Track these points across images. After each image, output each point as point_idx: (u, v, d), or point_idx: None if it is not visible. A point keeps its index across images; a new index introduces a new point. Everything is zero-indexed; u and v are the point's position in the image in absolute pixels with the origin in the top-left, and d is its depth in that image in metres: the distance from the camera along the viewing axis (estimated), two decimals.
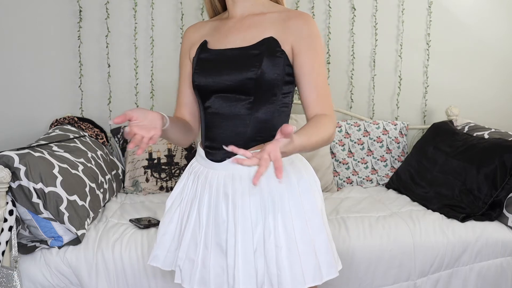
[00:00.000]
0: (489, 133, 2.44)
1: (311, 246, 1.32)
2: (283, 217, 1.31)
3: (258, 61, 1.29)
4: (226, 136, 1.35)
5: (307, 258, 1.31)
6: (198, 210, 1.37)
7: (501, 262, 2.08)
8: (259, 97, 1.32)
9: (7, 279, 1.74)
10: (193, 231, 1.38)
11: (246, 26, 1.36)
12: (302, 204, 1.33)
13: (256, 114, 1.33)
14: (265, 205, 1.31)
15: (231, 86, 1.32)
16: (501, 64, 3.06)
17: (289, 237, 1.30)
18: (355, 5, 2.87)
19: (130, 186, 2.57)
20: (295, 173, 1.35)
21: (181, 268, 1.38)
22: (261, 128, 1.34)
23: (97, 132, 2.61)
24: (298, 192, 1.34)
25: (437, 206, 2.26)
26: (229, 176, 1.34)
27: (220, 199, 1.34)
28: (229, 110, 1.34)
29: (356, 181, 2.74)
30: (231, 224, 1.32)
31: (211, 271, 1.33)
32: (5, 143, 2.68)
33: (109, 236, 1.96)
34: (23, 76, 2.73)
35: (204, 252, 1.35)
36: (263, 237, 1.31)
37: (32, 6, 2.69)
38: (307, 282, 1.30)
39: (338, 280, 1.98)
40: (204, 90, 1.36)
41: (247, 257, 1.30)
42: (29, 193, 1.83)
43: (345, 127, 2.80)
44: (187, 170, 1.48)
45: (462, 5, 2.97)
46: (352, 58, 2.91)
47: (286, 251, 1.29)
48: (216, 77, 1.33)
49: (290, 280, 1.29)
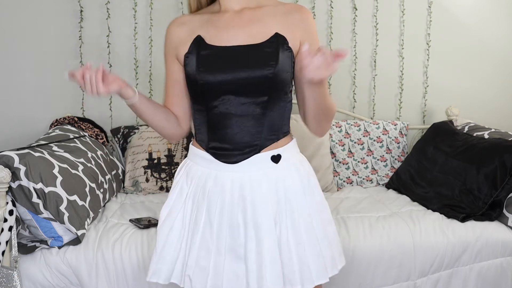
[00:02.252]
0: (489, 133, 2.44)
1: (326, 238, 1.37)
2: (301, 213, 1.33)
3: (274, 59, 1.26)
4: (240, 136, 1.30)
5: (326, 250, 1.36)
6: (208, 214, 1.31)
7: (501, 262, 2.08)
8: (274, 96, 1.29)
9: (7, 279, 1.74)
10: (203, 237, 1.31)
11: (247, 20, 1.32)
12: (315, 199, 1.37)
13: (271, 113, 1.31)
14: (282, 204, 1.32)
15: (246, 85, 1.26)
16: (502, 64, 3.06)
17: (308, 232, 1.33)
18: (357, 5, 2.87)
19: (130, 186, 2.57)
20: (304, 169, 1.38)
21: (191, 277, 1.31)
22: (274, 126, 1.33)
23: (97, 132, 2.61)
24: (310, 187, 1.37)
25: (437, 206, 2.26)
26: (246, 178, 1.30)
27: (235, 202, 1.30)
28: (243, 110, 1.29)
29: (356, 181, 2.73)
30: (251, 227, 1.29)
31: (224, 277, 1.29)
32: (5, 143, 2.68)
33: (109, 236, 1.96)
34: (24, 76, 2.73)
35: (216, 258, 1.30)
36: (286, 236, 1.31)
37: (33, 6, 2.69)
38: (328, 273, 1.35)
39: (338, 280, 1.98)
40: (213, 88, 1.28)
41: (273, 258, 1.28)
42: (29, 193, 1.83)
43: (345, 127, 2.80)
44: (182, 175, 1.40)
45: (462, 5, 2.97)
46: (354, 58, 2.91)
47: (308, 247, 1.32)
48: (229, 75, 1.27)
49: (315, 275, 1.32)
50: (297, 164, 1.37)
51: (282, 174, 1.32)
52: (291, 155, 1.36)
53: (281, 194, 1.32)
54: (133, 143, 2.62)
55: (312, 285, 1.32)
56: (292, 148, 1.38)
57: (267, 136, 1.31)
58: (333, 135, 2.77)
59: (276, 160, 1.32)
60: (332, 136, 2.76)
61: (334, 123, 2.79)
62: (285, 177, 1.32)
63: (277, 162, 1.32)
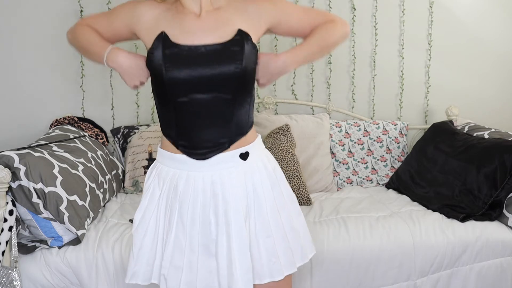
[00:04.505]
0: (489, 133, 2.44)
1: (295, 230, 1.42)
2: (270, 207, 1.37)
3: (239, 56, 1.28)
4: (209, 133, 1.32)
5: (294, 242, 1.41)
6: (180, 214, 1.34)
7: (501, 262, 2.08)
8: (240, 92, 1.32)
9: (7, 279, 1.74)
10: (176, 237, 1.34)
11: (213, 21, 1.33)
12: (282, 192, 1.42)
13: (238, 109, 1.34)
14: (251, 199, 1.36)
15: (213, 82, 1.28)
16: (502, 64, 3.06)
17: (277, 225, 1.37)
18: (356, 5, 2.87)
19: (130, 186, 2.57)
20: (270, 163, 1.43)
21: (166, 277, 1.34)
22: (241, 122, 1.36)
23: (97, 132, 2.61)
24: (277, 181, 1.41)
25: (437, 206, 2.26)
26: (216, 175, 1.34)
27: (207, 200, 1.33)
28: (210, 107, 1.30)
29: (356, 181, 2.73)
30: (222, 223, 1.32)
31: (198, 274, 1.32)
32: (5, 143, 2.68)
33: (109, 236, 1.96)
34: (24, 76, 2.73)
35: (190, 256, 1.33)
36: (255, 230, 1.35)
37: (33, 6, 2.69)
38: (297, 264, 1.40)
39: (338, 280, 1.98)
40: (180, 86, 1.28)
41: (243, 252, 1.32)
42: (29, 193, 1.84)
43: (345, 127, 2.80)
44: (153, 178, 1.41)
45: (463, 5, 2.97)
46: (353, 58, 2.91)
47: (278, 240, 1.37)
48: (196, 72, 1.27)
49: (285, 266, 1.37)
50: (264, 160, 1.42)
51: (250, 170, 1.37)
52: (257, 151, 1.41)
53: (250, 189, 1.36)
54: (133, 143, 2.62)
55: (281, 276, 1.37)
56: (258, 145, 1.43)
57: (235, 131, 1.35)
58: (333, 135, 2.77)
59: (245, 157, 1.37)
60: (332, 136, 2.76)
61: (334, 123, 2.79)
62: (253, 172, 1.37)
63: (245, 159, 1.37)
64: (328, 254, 1.96)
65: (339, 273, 1.98)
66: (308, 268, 1.95)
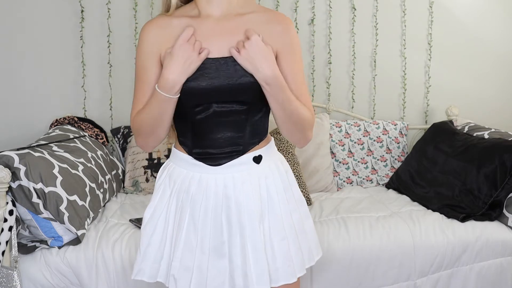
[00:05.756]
0: (489, 133, 2.44)
1: (305, 232, 1.43)
2: (283, 209, 1.37)
3: None
4: (224, 142, 1.33)
5: (304, 244, 1.42)
6: (192, 216, 1.34)
7: (501, 262, 2.08)
8: (255, 102, 1.32)
9: (7, 279, 1.74)
10: (187, 238, 1.34)
11: (229, 29, 1.30)
12: (294, 194, 1.42)
13: (253, 119, 1.34)
14: (265, 202, 1.35)
15: (229, 92, 1.27)
16: (502, 64, 3.05)
17: (290, 227, 1.38)
18: (356, 5, 2.87)
19: (130, 186, 2.57)
20: (283, 166, 1.42)
21: (175, 277, 1.34)
22: (256, 130, 1.36)
23: (97, 132, 2.61)
24: (289, 184, 1.41)
25: (437, 206, 2.26)
26: (229, 178, 1.33)
27: (219, 203, 1.33)
28: (227, 117, 1.31)
29: (356, 181, 2.73)
30: (235, 225, 1.32)
31: (208, 275, 1.32)
32: (5, 143, 2.68)
33: (109, 236, 1.96)
34: (24, 76, 2.73)
35: (200, 257, 1.33)
36: (269, 233, 1.35)
37: (33, 6, 2.69)
38: (305, 266, 1.41)
39: (338, 279, 1.98)
40: (197, 96, 1.28)
41: (258, 254, 1.31)
42: (29, 193, 1.84)
43: (345, 127, 2.80)
44: (165, 177, 1.41)
45: (463, 5, 2.97)
46: (353, 58, 2.91)
47: (291, 242, 1.37)
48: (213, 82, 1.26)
49: (297, 268, 1.38)
50: (277, 162, 1.41)
51: (264, 173, 1.37)
52: (271, 154, 1.41)
53: (263, 192, 1.36)
54: (133, 143, 2.62)
55: (295, 278, 1.37)
56: (271, 148, 1.43)
57: (249, 140, 1.35)
58: (333, 135, 2.77)
59: (258, 161, 1.37)
60: (332, 136, 2.76)
61: (334, 123, 2.79)
62: (266, 175, 1.37)
63: (258, 163, 1.37)
64: (328, 254, 1.95)
65: (339, 273, 1.98)
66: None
